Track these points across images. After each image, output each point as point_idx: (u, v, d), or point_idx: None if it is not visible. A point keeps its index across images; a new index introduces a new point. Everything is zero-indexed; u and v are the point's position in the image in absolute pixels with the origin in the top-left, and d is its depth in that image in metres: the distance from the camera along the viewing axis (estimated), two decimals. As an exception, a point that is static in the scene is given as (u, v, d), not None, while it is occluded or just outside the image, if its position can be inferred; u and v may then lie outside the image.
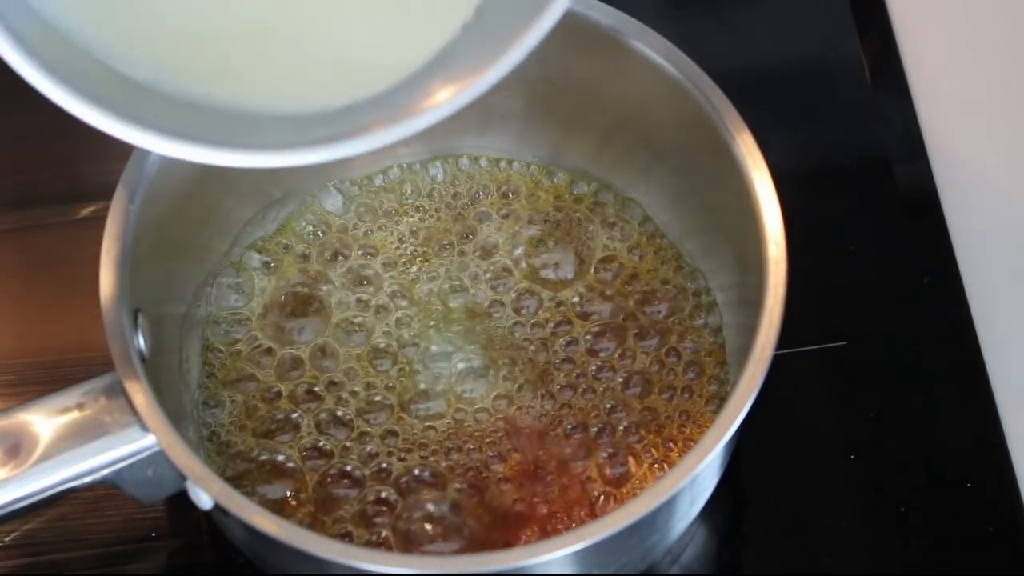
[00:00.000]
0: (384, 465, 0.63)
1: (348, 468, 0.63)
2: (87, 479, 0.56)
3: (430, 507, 0.62)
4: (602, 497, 0.63)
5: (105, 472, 0.56)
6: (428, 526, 0.62)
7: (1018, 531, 0.67)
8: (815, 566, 0.66)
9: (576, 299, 0.67)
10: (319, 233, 0.69)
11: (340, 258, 0.69)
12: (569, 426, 0.64)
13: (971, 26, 0.82)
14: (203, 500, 0.56)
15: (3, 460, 0.55)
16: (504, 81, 0.57)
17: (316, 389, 0.65)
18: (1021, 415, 0.69)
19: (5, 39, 0.49)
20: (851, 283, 0.73)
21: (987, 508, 0.67)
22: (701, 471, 0.55)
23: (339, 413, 0.65)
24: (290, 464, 0.64)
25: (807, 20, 0.82)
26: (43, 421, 0.56)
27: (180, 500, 0.66)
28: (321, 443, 0.64)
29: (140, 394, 0.55)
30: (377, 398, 0.65)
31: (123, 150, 0.60)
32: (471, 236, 0.69)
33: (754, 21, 0.82)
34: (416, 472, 0.63)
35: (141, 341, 0.58)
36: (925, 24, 0.81)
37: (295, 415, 0.65)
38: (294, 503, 0.63)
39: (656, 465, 0.63)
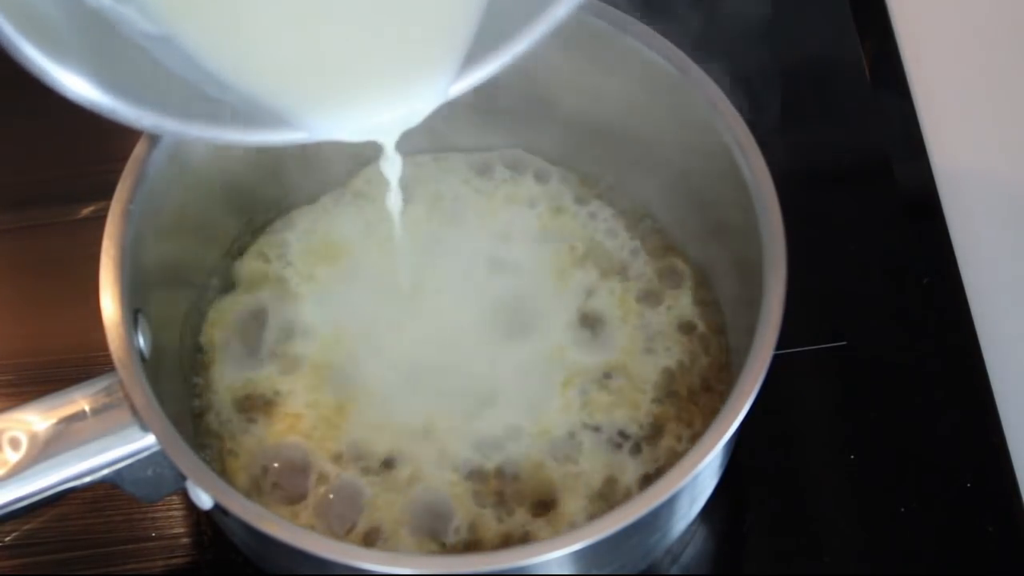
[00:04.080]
0: (383, 461, 0.63)
1: (346, 465, 0.63)
2: (87, 479, 0.56)
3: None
4: (600, 496, 0.63)
5: (105, 472, 0.56)
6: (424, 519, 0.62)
7: (1018, 531, 0.67)
8: (815, 566, 0.66)
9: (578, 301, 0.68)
10: (318, 231, 0.69)
11: (340, 252, 0.69)
12: (571, 427, 0.64)
13: (971, 27, 0.82)
14: (203, 500, 0.56)
15: (3, 460, 0.55)
16: (504, 80, 0.57)
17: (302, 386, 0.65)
18: (1021, 415, 0.69)
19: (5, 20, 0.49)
20: (851, 283, 0.73)
21: (987, 508, 0.67)
22: (701, 471, 0.55)
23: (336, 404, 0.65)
24: (290, 461, 0.64)
25: (807, 20, 0.82)
26: (43, 421, 0.56)
27: (180, 500, 0.66)
28: (323, 441, 0.64)
29: (140, 394, 0.55)
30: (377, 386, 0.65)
31: (123, 150, 0.60)
32: (472, 230, 0.69)
33: (754, 21, 0.82)
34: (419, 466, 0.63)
35: (141, 341, 0.58)
36: (925, 24, 0.81)
37: (295, 414, 0.65)
38: (294, 502, 0.63)
39: (656, 465, 0.63)
